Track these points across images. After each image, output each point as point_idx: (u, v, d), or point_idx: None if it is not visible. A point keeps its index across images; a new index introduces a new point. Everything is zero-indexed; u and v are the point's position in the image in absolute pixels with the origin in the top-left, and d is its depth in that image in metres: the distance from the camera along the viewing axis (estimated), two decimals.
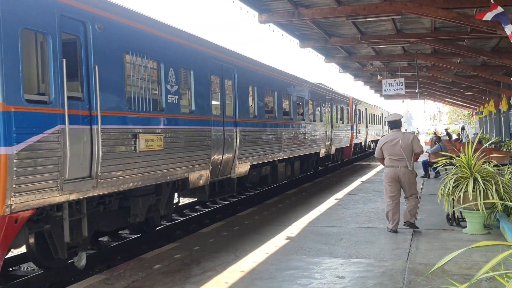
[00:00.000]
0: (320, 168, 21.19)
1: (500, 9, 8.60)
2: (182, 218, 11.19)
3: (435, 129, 62.93)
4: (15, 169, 5.09)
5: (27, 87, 5.56)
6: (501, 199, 7.30)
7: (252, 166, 11.71)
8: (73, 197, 5.97)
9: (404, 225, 8.03)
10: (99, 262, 7.89)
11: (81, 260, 6.69)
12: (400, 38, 16.22)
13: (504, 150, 18.37)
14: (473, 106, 44.49)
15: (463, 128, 33.96)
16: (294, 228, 8.54)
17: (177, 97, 8.29)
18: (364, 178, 17.43)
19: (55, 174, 5.60)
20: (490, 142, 15.40)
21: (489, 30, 10.88)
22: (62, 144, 5.67)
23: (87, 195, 6.22)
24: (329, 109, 20.82)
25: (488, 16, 8.69)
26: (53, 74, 5.65)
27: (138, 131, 7.10)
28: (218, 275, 5.90)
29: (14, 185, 5.09)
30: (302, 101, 16.57)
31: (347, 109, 25.37)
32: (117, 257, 8.29)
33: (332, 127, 20.96)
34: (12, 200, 5.09)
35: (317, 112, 18.66)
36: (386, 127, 42.76)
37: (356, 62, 22.65)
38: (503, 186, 7.51)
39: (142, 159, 7.17)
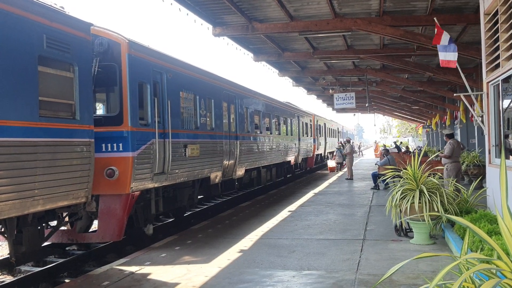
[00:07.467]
0: (288, 175, 24.11)
1: (446, 36, 9.09)
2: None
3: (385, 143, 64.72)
4: (135, 165, 8.20)
5: (140, 115, 8.59)
6: (445, 210, 7.60)
7: (246, 170, 15.05)
8: (157, 185, 9.15)
9: None
10: (44, 280, 7.58)
11: (149, 229, 9.53)
12: (351, 53, 16.66)
13: None
14: (420, 120, 46.23)
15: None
16: (247, 241, 8.55)
17: (205, 118, 11.63)
18: (317, 190, 17.65)
19: (150, 170, 8.77)
20: (435, 154, 15.94)
21: (433, 47, 11.36)
22: (154, 151, 8.85)
23: (162, 184, 9.40)
24: (297, 125, 24.10)
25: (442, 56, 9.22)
26: (149, 107, 8.88)
27: (187, 142, 10.31)
28: None
29: (134, 175, 8.18)
30: (278, 118, 20.05)
31: (310, 124, 28.58)
32: (64, 274, 7.99)
33: (299, 140, 24.22)
34: (132, 184, 8.19)
35: (289, 127, 22.08)
36: (340, 139, 44.00)
37: (309, 76, 23.12)
38: (447, 198, 7.82)
39: (188, 161, 10.36)
